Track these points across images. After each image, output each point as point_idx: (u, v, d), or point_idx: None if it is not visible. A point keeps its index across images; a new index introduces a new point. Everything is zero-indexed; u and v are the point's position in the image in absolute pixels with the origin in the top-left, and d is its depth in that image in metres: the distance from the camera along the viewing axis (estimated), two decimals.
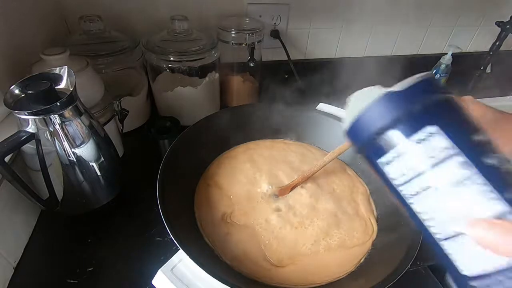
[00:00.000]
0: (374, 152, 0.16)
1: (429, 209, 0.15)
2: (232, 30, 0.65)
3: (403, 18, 0.86)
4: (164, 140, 0.56)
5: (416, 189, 0.15)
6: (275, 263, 0.40)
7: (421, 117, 0.14)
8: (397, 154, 0.15)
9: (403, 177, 0.15)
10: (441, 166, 0.14)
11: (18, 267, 0.42)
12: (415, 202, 0.16)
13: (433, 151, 0.14)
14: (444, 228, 0.15)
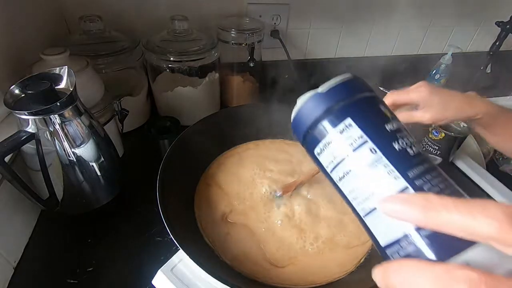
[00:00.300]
0: (310, 144, 0.19)
1: (352, 190, 0.18)
2: (232, 30, 0.65)
3: (403, 18, 0.86)
4: (164, 140, 0.56)
5: (341, 174, 0.18)
6: (275, 263, 0.40)
7: (340, 111, 0.18)
8: (326, 143, 0.18)
9: (332, 164, 0.18)
10: (357, 152, 0.17)
11: (18, 267, 0.42)
12: (342, 185, 0.18)
13: (351, 139, 0.17)
14: (364, 205, 0.17)
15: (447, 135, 0.59)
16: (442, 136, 0.60)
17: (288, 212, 0.46)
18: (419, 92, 0.40)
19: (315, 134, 0.19)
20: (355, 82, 0.19)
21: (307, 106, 0.19)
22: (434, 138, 0.61)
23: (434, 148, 0.62)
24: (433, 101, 0.40)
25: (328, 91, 0.19)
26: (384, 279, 0.16)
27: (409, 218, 0.15)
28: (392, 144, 0.17)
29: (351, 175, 0.17)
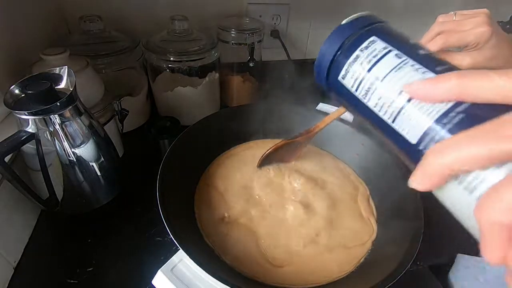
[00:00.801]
0: (335, 72, 0.20)
1: (379, 99, 0.18)
2: (232, 30, 0.65)
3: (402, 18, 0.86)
4: (164, 140, 0.56)
5: (367, 86, 0.18)
6: (274, 263, 0.40)
7: (364, 33, 0.19)
8: (351, 61, 0.19)
9: (357, 81, 0.19)
10: (383, 60, 0.18)
11: (18, 267, 0.42)
12: (369, 99, 0.18)
13: (376, 51, 0.18)
14: (392, 109, 0.17)
15: None
16: None
17: (287, 212, 0.46)
18: (480, 34, 0.33)
19: (340, 59, 0.19)
20: (373, 16, 0.21)
21: (332, 37, 0.20)
22: None
23: None
24: (488, 44, 0.33)
25: (351, 21, 0.20)
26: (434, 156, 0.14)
27: (444, 92, 0.14)
28: (416, 51, 0.17)
29: (378, 85, 0.17)
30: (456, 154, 0.13)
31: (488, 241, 0.13)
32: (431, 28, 0.38)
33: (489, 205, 0.12)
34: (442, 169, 0.14)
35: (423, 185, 0.15)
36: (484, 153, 0.12)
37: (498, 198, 0.12)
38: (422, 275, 0.45)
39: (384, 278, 0.34)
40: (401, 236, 0.40)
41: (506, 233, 0.12)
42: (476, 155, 0.13)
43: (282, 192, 0.48)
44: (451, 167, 0.13)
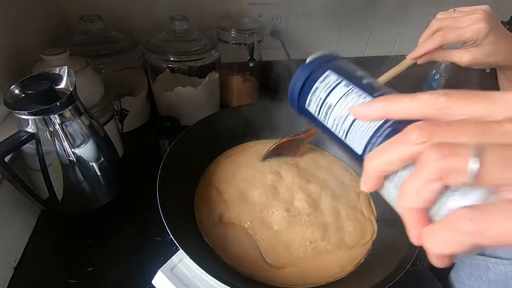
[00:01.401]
0: (302, 101, 0.24)
1: (334, 120, 0.22)
2: (232, 30, 0.65)
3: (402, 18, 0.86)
4: (164, 140, 0.56)
5: (325, 111, 0.22)
6: (274, 265, 0.40)
7: (322, 68, 0.23)
8: (313, 91, 0.23)
9: (318, 107, 0.23)
10: (335, 89, 0.22)
11: (18, 267, 0.42)
12: (327, 121, 0.22)
13: (330, 83, 0.22)
14: (343, 127, 0.21)
15: None
16: None
17: (287, 213, 0.46)
18: (477, 31, 0.33)
19: (305, 91, 0.23)
20: (331, 54, 0.25)
21: (298, 74, 0.24)
22: None
23: None
24: (486, 40, 0.34)
25: (312, 60, 0.25)
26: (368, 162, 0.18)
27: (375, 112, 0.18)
28: (361, 81, 0.22)
29: (332, 109, 0.22)
30: (380, 158, 0.17)
31: (407, 224, 0.17)
32: (430, 24, 0.38)
33: (400, 195, 0.16)
34: (374, 171, 0.17)
35: (366, 187, 0.18)
36: (396, 156, 0.16)
37: (405, 189, 0.16)
38: (422, 275, 0.45)
39: (384, 278, 0.34)
40: (401, 236, 0.40)
41: (415, 214, 0.16)
42: (392, 158, 0.16)
43: (283, 193, 0.48)
44: (378, 168, 0.17)
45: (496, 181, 0.13)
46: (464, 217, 0.14)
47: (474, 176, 0.13)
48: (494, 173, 0.13)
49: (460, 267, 0.44)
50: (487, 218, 0.13)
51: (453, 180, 0.14)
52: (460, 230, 0.14)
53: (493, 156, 0.13)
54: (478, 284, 0.41)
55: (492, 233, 0.13)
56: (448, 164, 0.14)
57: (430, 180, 0.14)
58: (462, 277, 0.43)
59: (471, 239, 0.13)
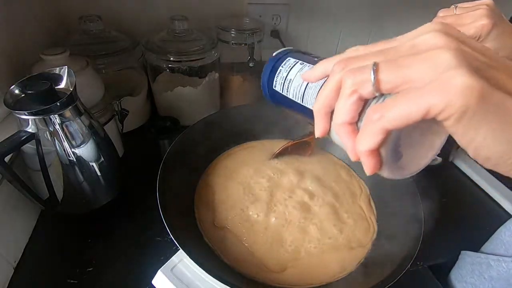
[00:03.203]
0: (270, 84, 0.29)
1: (293, 90, 0.27)
2: (232, 30, 0.65)
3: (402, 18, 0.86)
4: (164, 140, 0.56)
5: (287, 86, 0.28)
6: (273, 269, 0.40)
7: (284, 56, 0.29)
8: (277, 73, 0.28)
9: (281, 85, 0.28)
10: (293, 68, 0.27)
11: (18, 267, 0.42)
12: (289, 92, 0.28)
13: (290, 64, 0.28)
14: (300, 94, 0.26)
15: None
16: None
17: (286, 215, 0.45)
18: (481, 28, 0.33)
19: (271, 76, 0.29)
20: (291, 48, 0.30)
21: (267, 64, 0.29)
22: None
23: None
24: (490, 36, 0.33)
25: (278, 52, 0.30)
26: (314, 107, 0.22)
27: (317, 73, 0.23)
28: (313, 59, 0.27)
29: (292, 81, 0.27)
30: (320, 97, 0.21)
31: (344, 142, 0.20)
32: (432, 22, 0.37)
33: (333, 117, 0.20)
34: (319, 111, 0.21)
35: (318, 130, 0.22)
36: (328, 89, 0.20)
37: (335, 110, 0.20)
38: (422, 275, 0.45)
39: (384, 278, 0.34)
40: (401, 236, 0.40)
41: (346, 129, 0.20)
42: (326, 93, 0.20)
43: (283, 193, 0.48)
44: (321, 106, 0.21)
45: (390, 84, 0.17)
46: (371, 111, 0.18)
47: (374, 83, 0.17)
48: (387, 77, 0.17)
49: (461, 265, 0.44)
50: (385, 106, 0.17)
51: (363, 90, 0.18)
52: (370, 120, 0.17)
53: (385, 65, 0.17)
54: (480, 282, 0.41)
55: (390, 116, 0.16)
56: (356, 79, 0.18)
57: (348, 96, 0.18)
58: (463, 275, 0.43)
59: (379, 124, 0.17)
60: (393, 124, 0.16)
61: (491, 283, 0.39)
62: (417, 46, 0.17)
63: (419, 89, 0.16)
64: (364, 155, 0.18)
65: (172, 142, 0.47)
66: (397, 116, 0.16)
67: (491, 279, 0.40)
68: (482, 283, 0.40)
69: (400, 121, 0.16)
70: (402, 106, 0.16)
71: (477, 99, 0.14)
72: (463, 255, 0.45)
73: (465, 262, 0.44)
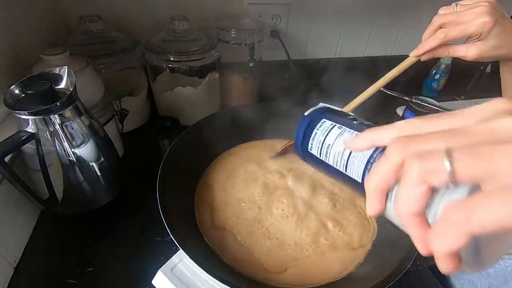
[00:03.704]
0: (305, 147, 0.28)
1: (333, 156, 0.26)
2: (232, 30, 0.65)
3: (403, 18, 0.86)
4: (164, 140, 0.56)
5: (325, 151, 0.26)
6: (273, 271, 0.40)
7: (318, 118, 0.28)
8: (313, 137, 0.27)
9: (318, 149, 0.27)
10: (330, 133, 0.26)
11: (18, 267, 0.42)
12: (328, 159, 0.26)
13: (326, 128, 0.27)
14: (342, 161, 0.25)
15: None
16: None
17: (286, 216, 0.45)
18: (482, 25, 0.33)
19: (306, 138, 0.28)
20: (324, 106, 0.30)
21: (299, 125, 0.29)
22: None
23: None
24: (492, 34, 0.33)
25: (310, 112, 0.29)
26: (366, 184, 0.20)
27: (364, 143, 0.21)
28: (351, 122, 0.26)
29: (331, 147, 0.26)
30: (374, 177, 0.19)
31: (410, 233, 0.18)
32: (432, 21, 0.37)
33: (396, 206, 0.18)
34: (372, 190, 0.19)
35: (372, 209, 0.20)
36: (385, 171, 0.18)
37: (398, 199, 0.18)
38: (422, 275, 0.45)
39: (384, 278, 0.34)
40: (401, 236, 0.40)
41: (414, 220, 0.17)
42: (383, 174, 0.18)
43: (283, 193, 0.48)
44: (374, 186, 0.19)
45: (470, 175, 0.15)
46: (452, 209, 0.15)
47: (450, 173, 0.15)
48: (466, 168, 0.15)
49: None
50: (472, 206, 0.14)
51: (434, 180, 0.16)
52: (452, 220, 0.15)
53: (462, 154, 0.15)
54: (478, 279, 0.41)
55: (478, 219, 0.14)
56: (426, 167, 0.16)
57: (415, 185, 0.16)
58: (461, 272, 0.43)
59: (464, 228, 0.14)
60: (482, 230, 0.14)
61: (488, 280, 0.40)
62: (493, 133, 0.15)
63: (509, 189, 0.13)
64: (442, 256, 0.16)
65: (172, 142, 0.47)
66: (488, 222, 0.14)
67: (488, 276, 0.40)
68: (480, 280, 0.40)
69: (491, 228, 0.14)
70: (496, 210, 0.14)
71: None
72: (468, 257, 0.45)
73: None
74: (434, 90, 0.89)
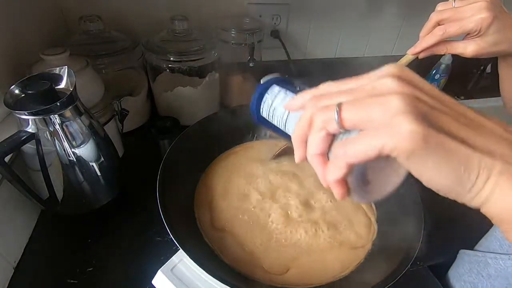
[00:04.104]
0: (258, 110, 0.31)
1: (278, 117, 0.29)
2: (232, 30, 0.65)
3: (403, 18, 0.86)
4: (164, 140, 0.56)
5: (272, 113, 0.29)
6: (273, 272, 0.40)
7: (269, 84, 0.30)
8: (264, 101, 0.30)
9: (268, 111, 0.30)
10: (278, 96, 0.29)
11: (18, 267, 0.42)
12: (275, 120, 0.29)
13: (275, 92, 0.29)
14: (283, 121, 0.28)
15: None
16: None
17: (283, 217, 0.45)
18: (480, 21, 0.32)
19: (258, 102, 0.30)
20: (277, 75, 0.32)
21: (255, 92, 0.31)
22: None
23: None
24: (491, 30, 0.33)
25: (264, 81, 0.31)
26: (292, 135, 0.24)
27: (297, 104, 0.25)
28: (295, 89, 0.29)
29: (276, 109, 0.29)
30: (297, 128, 0.23)
31: (316, 170, 0.22)
32: (430, 17, 0.37)
33: (307, 148, 0.22)
34: (296, 138, 0.23)
35: (297, 156, 0.24)
36: (303, 123, 0.22)
37: (308, 142, 0.22)
38: (422, 275, 0.45)
39: (384, 278, 0.34)
40: (401, 236, 0.40)
41: (317, 159, 0.22)
42: (302, 124, 0.22)
43: (282, 193, 0.48)
44: (298, 135, 0.23)
45: (352, 122, 0.19)
46: (336, 147, 0.21)
47: (338, 122, 0.19)
48: (349, 116, 0.19)
49: (459, 263, 0.44)
50: (347, 144, 0.19)
51: (329, 127, 0.20)
52: (336, 154, 0.20)
53: (347, 105, 0.19)
54: (478, 280, 0.41)
55: (352, 151, 0.18)
56: (323, 117, 0.20)
57: (317, 131, 0.21)
58: (461, 274, 0.43)
59: (342, 159, 0.19)
60: (354, 159, 0.19)
61: (489, 281, 0.39)
62: (376, 89, 0.19)
63: (375, 130, 0.18)
64: (333, 184, 0.21)
65: (172, 142, 0.47)
66: (356, 153, 0.18)
67: (489, 277, 0.39)
68: (480, 282, 0.40)
69: (359, 157, 0.18)
70: (360, 144, 0.18)
71: (420, 142, 0.16)
72: (461, 253, 0.44)
73: (463, 261, 0.44)
74: None
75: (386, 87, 0.19)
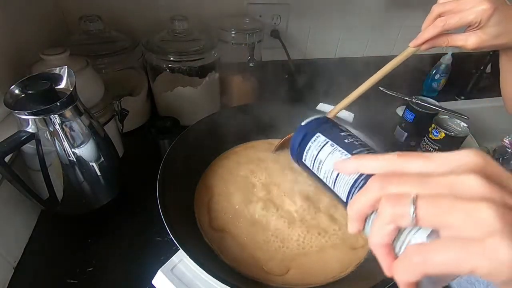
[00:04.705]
0: (300, 157, 0.30)
1: (324, 173, 0.28)
2: (232, 30, 0.65)
3: (403, 18, 0.86)
4: (164, 140, 0.56)
5: (317, 165, 0.28)
6: (273, 273, 0.40)
7: (313, 131, 0.29)
8: (307, 150, 0.29)
9: (311, 162, 0.29)
10: (323, 148, 0.28)
11: (18, 267, 0.42)
12: (320, 173, 0.28)
13: (320, 143, 0.28)
14: (332, 180, 0.27)
15: (447, 135, 0.59)
16: (442, 136, 0.60)
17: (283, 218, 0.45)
18: (481, 12, 0.32)
19: (301, 148, 0.30)
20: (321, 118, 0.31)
21: (295, 135, 0.30)
22: (434, 138, 0.61)
23: (434, 148, 0.62)
24: (492, 21, 0.32)
25: (306, 123, 0.31)
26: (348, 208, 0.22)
27: (350, 168, 0.23)
28: (343, 141, 0.28)
29: (323, 163, 0.28)
30: (355, 205, 0.22)
31: (378, 258, 0.20)
32: (431, 10, 0.37)
33: (370, 235, 0.20)
34: (353, 215, 0.22)
35: (351, 228, 0.22)
36: (364, 202, 0.21)
37: (372, 230, 0.20)
38: None
39: (385, 278, 0.34)
40: None
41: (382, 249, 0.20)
42: (362, 204, 0.21)
43: (282, 193, 0.48)
44: (355, 213, 0.22)
45: (429, 223, 0.17)
46: (412, 251, 0.18)
47: (413, 219, 0.17)
48: (427, 215, 0.17)
49: None
50: (429, 251, 0.17)
51: (401, 222, 0.18)
52: (411, 260, 0.18)
53: (424, 203, 0.17)
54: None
55: (433, 262, 0.16)
56: (396, 211, 0.18)
57: (386, 223, 0.19)
58: None
59: (420, 268, 0.17)
60: (433, 271, 0.17)
61: None
62: (458, 187, 0.17)
63: (465, 246, 0.16)
64: (401, 284, 0.19)
65: (172, 142, 0.47)
66: (439, 266, 0.16)
67: None
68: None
69: (441, 270, 0.16)
70: (448, 258, 0.16)
71: None
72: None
73: None
74: (434, 90, 0.89)
75: (472, 189, 0.17)
